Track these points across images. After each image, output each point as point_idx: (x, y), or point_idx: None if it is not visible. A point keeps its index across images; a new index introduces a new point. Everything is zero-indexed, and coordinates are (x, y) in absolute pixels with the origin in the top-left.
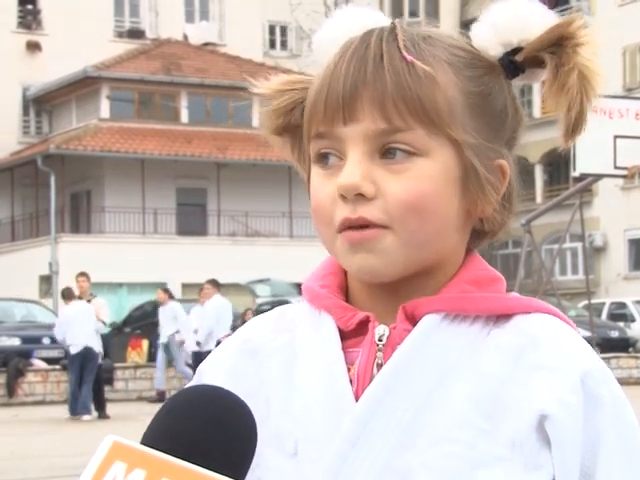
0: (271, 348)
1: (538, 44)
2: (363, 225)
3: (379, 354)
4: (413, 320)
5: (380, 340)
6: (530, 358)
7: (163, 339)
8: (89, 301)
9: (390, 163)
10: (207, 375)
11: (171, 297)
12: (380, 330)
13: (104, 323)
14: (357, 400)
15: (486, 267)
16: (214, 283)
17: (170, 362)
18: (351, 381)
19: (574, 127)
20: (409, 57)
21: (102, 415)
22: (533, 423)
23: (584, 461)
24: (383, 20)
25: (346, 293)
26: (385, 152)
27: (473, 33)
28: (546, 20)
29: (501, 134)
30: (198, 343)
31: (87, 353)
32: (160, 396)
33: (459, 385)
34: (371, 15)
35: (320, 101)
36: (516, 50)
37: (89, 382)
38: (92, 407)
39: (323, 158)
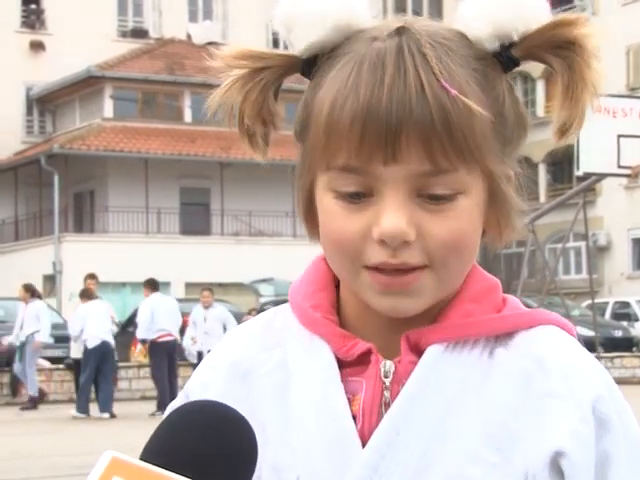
0: (263, 372)
1: (539, 41)
2: (402, 269)
3: (386, 392)
4: (417, 350)
5: (386, 377)
6: (539, 384)
7: (21, 338)
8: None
9: (431, 204)
10: (194, 398)
11: (34, 295)
12: (386, 365)
13: (117, 325)
14: (362, 437)
15: (483, 276)
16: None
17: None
18: (354, 417)
19: (572, 129)
20: (453, 91)
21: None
22: (547, 460)
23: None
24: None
25: (337, 309)
26: (428, 194)
27: (463, 19)
28: (543, 13)
29: (514, 145)
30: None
31: (105, 348)
32: (33, 402)
33: (468, 416)
34: None
35: (354, 133)
36: (512, 43)
37: (109, 378)
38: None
39: (349, 195)
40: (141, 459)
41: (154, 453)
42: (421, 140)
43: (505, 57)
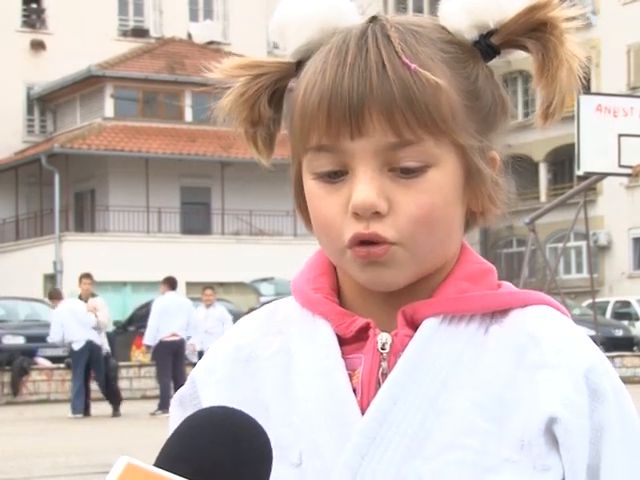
0: (266, 355)
1: (515, 27)
2: (374, 241)
3: (383, 363)
4: (413, 324)
5: (383, 349)
6: (532, 357)
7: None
8: (86, 301)
9: (401, 177)
10: (200, 383)
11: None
12: (382, 338)
13: (98, 323)
14: (362, 409)
15: (478, 260)
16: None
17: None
18: (354, 390)
19: (553, 109)
20: (412, 65)
21: (116, 413)
22: (541, 426)
23: (590, 453)
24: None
25: (338, 293)
26: (397, 167)
27: (443, 15)
28: (519, 0)
29: (492, 125)
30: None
31: (92, 347)
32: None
33: (463, 389)
34: None
35: (322, 113)
36: (490, 32)
37: (102, 376)
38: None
39: (326, 172)
40: (156, 465)
41: (169, 460)
42: (383, 113)
43: (484, 45)
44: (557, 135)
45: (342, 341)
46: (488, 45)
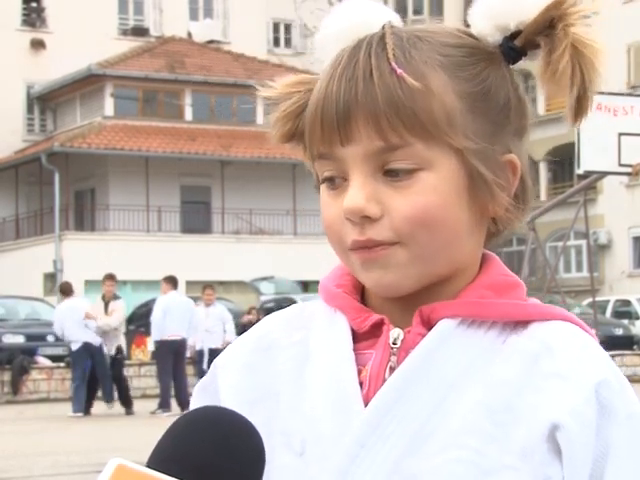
0: (285, 344)
1: (534, 27)
2: (370, 246)
3: (392, 357)
4: (429, 324)
5: (394, 343)
6: (544, 366)
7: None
8: (108, 303)
9: (393, 180)
10: (221, 370)
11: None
12: (394, 333)
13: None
14: (367, 402)
15: (506, 272)
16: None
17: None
18: (362, 383)
19: (577, 109)
20: (399, 70)
21: (128, 411)
22: (544, 432)
23: (593, 472)
24: (387, 13)
25: (362, 293)
26: (387, 169)
27: (471, 21)
28: (540, 1)
29: (508, 127)
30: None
31: (91, 349)
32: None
33: (471, 391)
34: (374, 8)
35: (316, 123)
36: (515, 34)
37: (106, 377)
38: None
39: (328, 181)
40: (148, 466)
41: (161, 460)
42: (369, 119)
43: (506, 48)
44: (557, 134)
45: (358, 337)
46: (510, 47)
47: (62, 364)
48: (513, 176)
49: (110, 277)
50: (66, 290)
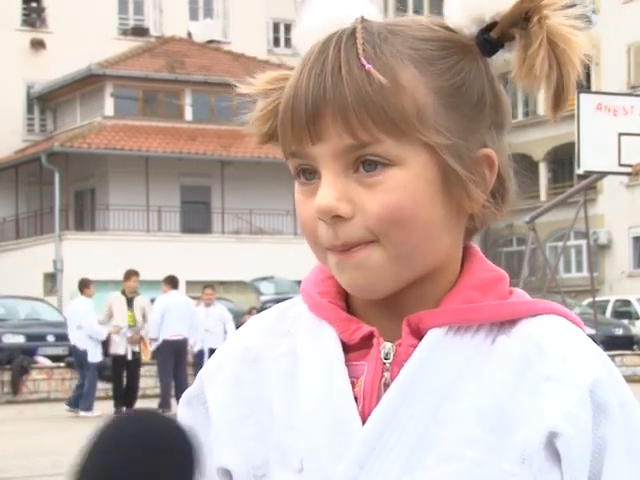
0: (272, 357)
1: (509, 18)
2: (348, 248)
3: (386, 374)
4: (418, 334)
5: (386, 358)
6: (537, 369)
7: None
8: (131, 299)
9: (364, 177)
10: (208, 384)
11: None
12: (386, 348)
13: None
14: (362, 418)
15: (488, 267)
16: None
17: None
18: (356, 398)
19: (554, 105)
20: (367, 65)
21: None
22: (542, 440)
23: (592, 468)
24: (364, 6)
25: (346, 298)
26: (358, 166)
27: (447, 13)
28: None
29: (483, 121)
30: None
31: (75, 351)
32: None
33: (466, 399)
34: (351, 1)
35: (287, 121)
36: (491, 26)
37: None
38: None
39: (302, 174)
40: None
41: (79, 476)
42: (337, 116)
43: (481, 40)
44: (557, 134)
45: (347, 347)
46: (485, 40)
47: (62, 364)
48: (490, 172)
49: (135, 273)
50: (84, 287)
